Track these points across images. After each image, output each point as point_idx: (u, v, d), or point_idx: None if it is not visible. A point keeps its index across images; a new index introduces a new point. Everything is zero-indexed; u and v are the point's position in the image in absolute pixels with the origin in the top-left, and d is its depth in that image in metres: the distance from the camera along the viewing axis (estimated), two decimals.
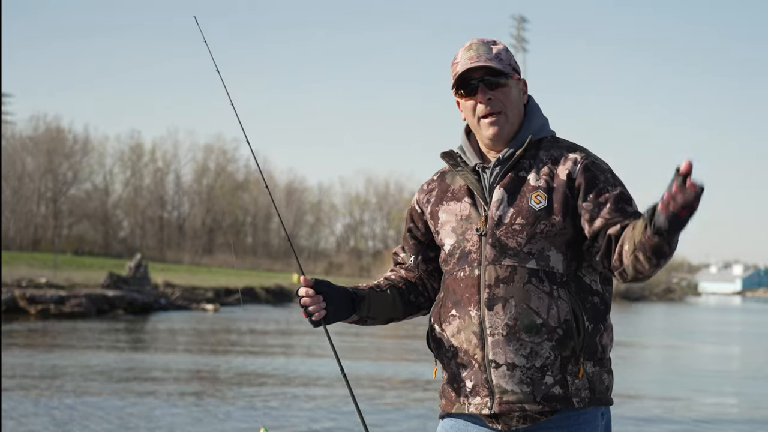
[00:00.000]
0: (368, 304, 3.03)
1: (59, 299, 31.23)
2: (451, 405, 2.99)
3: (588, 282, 2.92)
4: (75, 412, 11.73)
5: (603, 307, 2.94)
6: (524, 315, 2.83)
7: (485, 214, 2.91)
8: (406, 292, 3.13)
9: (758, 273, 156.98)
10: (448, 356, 2.97)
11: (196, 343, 23.75)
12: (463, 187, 3.00)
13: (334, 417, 11.92)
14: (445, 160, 3.06)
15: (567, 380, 2.84)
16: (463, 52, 2.99)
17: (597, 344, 2.89)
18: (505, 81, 2.96)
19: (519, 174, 2.93)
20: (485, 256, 2.89)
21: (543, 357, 2.83)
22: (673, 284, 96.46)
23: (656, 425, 13.91)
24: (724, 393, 16.86)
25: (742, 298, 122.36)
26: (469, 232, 2.94)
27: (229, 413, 12.22)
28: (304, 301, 2.92)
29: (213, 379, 16.11)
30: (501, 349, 2.84)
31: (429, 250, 3.12)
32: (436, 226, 3.04)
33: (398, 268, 3.19)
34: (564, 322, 2.83)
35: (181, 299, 38.72)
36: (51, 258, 44.34)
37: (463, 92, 2.98)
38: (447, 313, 2.95)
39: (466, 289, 2.91)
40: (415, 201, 3.14)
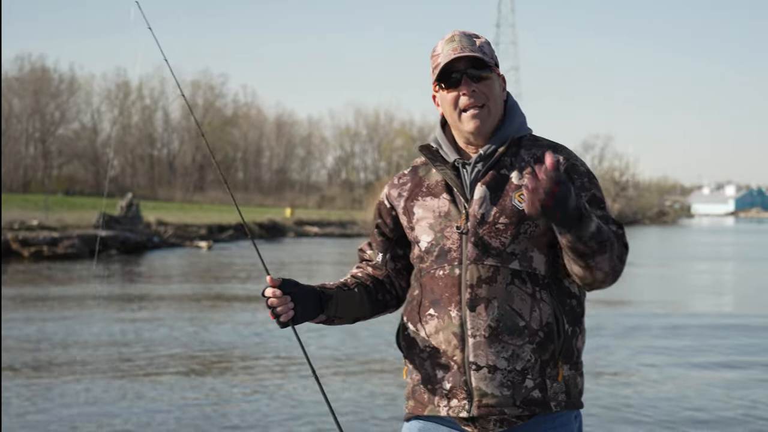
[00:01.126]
0: (335, 303, 2.90)
1: (52, 241, 31.13)
2: (422, 407, 2.87)
3: (567, 284, 2.83)
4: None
5: (580, 310, 2.86)
6: (507, 316, 2.75)
7: (466, 211, 2.81)
8: (373, 291, 3.00)
9: (751, 193, 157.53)
10: (423, 357, 2.86)
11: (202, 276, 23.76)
12: (440, 183, 2.89)
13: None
14: (423, 153, 2.93)
15: (546, 384, 2.78)
16: (444, 43, 2.87)
17: (573, 348, 2.83)
18: (489, 74, 2.85)
19: (501, 172, 2.84)
20: (467, 255, 2.79)
21: (524, 360, 2.75)
22: (666, 207, 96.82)
23: (657, 319, 14.17)
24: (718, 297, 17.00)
25: (735, 218, 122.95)
26: (448, 230, 2.83)
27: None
28: (271, 302, 2.77)
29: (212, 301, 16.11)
30: (482, 351, 2.75)
31: (398, 247, 3.01)
32: (410, 222, 2.92)
33: (365, 266, 3.07)
34: (546, 325, 2.76)
35: (174, 237, 38.66)
36: (42, 199, 44.16)
37: (444, 84, 2.86)
38: (424, 312, 2.85)
39: (446, 288, 2.80)
40: (385, 196, 3.02)
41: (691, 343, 13.18)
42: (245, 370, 10.97)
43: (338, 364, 11.36)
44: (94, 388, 9.81)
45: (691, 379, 10.49)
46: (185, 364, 11.38)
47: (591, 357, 11.80)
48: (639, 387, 10.09)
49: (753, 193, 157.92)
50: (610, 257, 2.64)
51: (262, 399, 9.40)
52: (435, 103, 2.95)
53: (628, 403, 9.26)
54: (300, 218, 53.14)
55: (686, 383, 10.26)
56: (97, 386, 9.88)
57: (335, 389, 9.76)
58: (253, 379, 10.45)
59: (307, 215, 56.16)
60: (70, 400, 9.27)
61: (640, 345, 12.96)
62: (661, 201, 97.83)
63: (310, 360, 2.87)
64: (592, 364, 11.25)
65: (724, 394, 9.75)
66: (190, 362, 11.50)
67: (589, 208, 2.63)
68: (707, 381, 10.43)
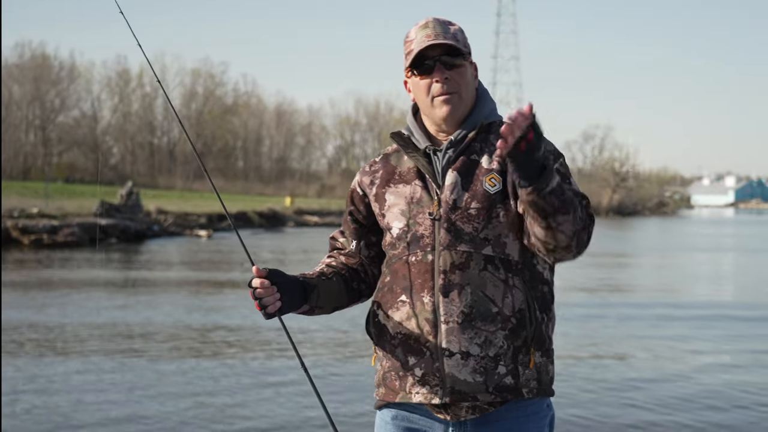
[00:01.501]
0: (317, 294, 2.89)
1: (52, 229, 31.13)
2: (393, 394, 2.86)
3: (540, 270, 2.84)
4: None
5: (550, 296, 2.87)
6: (480, 303, 2.75)
7: (438, 197, 2.82)
8: (349, 280, 2.99)
9: (751, 184, 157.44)
10: (394, 343, 2.84)
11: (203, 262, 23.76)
12: (412, 170, 2.90)
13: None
14: (395, 140, 2.94)
15: (518, 370, 2.77)
16: (417, 29, 2.87)
17: (545, 334, 2.83)
18: (462, 62, 2.85)
19: (471, 157, 2.84)
20: (439, 240, 2.79)
21: (497, 346, 2.75)
22: (665, 197, 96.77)
23: (653, 309, 14.18)
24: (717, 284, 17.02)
25: (734, 209, 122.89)
26: (420, 216, 2.83)
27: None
28: (259, 293, 2.75)
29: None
30: (455, 338, 2.75)
31: (371, 234, 3.00)
32: (381, 209, 2.92)
33: (337, 254, 3.06)
34: (518, 311, 2.76)
35: (173, 226, 38.66)
36: (42, 187, 44.13)
37: (417, 71, 2.86)
38: (395, 298, 2.84)
39: (418, 274, 2.80)
40: (357, 183, 3.01)
41: (684, 332, 13.21)
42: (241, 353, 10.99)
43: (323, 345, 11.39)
44: (91, 369, 9.83)
45: (684, 363, 10.52)
46: (178, 344, 11.40)
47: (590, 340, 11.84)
48: (634, 368, 10.12)
49: (753, 184, 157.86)
50: (573, 220, 2.61)
51: (257, 387, 9.42)
52: (406, 89, 2.96)
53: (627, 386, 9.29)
54: (300, 207, 53.13)
55: (679, 367, 10.29)
56: (93, 367, 9.91)
57: (322, 374, 9.79)
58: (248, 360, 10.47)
59: (307, 204, 56.14)
60: (67, 383, 9.29)
61: (634, 333, 12.99)
62: (661, 192, 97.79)
63: (299, 353, 2.87)
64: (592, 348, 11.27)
65: (717, 380, 9.78)
66: (180, 343, 11.52)
67: (552, 166, 2.60)
68: (699, 366, 10.45)
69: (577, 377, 10.02)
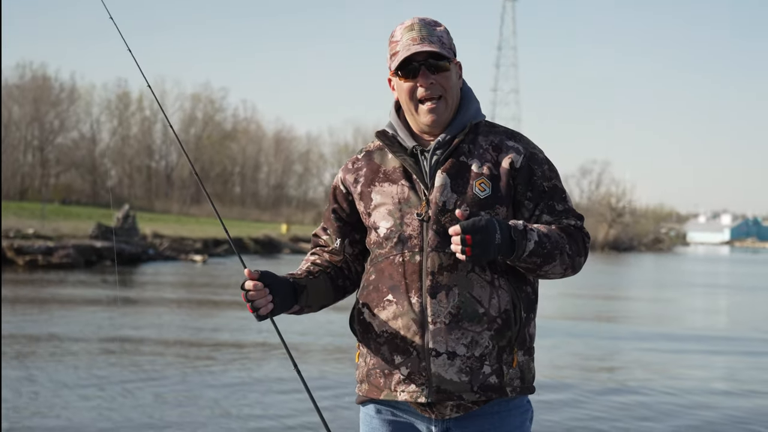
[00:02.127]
0: (307, 293, 2.93)
1: (47, 250, 31.05)
2: (378, 391, 2.89)
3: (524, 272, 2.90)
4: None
5: (534, 297, 2.92)
6: (468, 304, 2.78)
7: (426, 198, 2.84)
8: (335, 277, 3.03)
9: (746, 223, 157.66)
10: (379, 342, 2.87)
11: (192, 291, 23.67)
12: (398, 169, 2.91)
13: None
14: (380, 139, 2.95)
15: (503, 370, 2.82)
16: (403, 31, 2.88)
17: (527, 334, 2.88)
18: (447, 65, 2.86)
19: (460, 159, 2.87)
20: (428, 242, 2.81)
21: (482, 346, 2.79)
22: (661, 234, 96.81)
23: (653, 341, 14.10)
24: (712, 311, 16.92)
25: (730, 248, 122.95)
26: (408, 217, 2.85)
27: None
28: (251, 295, 2.78)
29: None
30: (442, 338, 2.78)
31: (354, 232, 3.02)
32: (367, 208, 2.94)
33: (320, 251, 3.08)
34: (504, 312, 2.80)
35: (169, 250, 38.59)
36: (38, 207, 44.12)
37: (402, 73, 2.87)
38: (381, 297, 2.86)
39: (406, 274, 2.83)
40: (340, 180, 3.02)
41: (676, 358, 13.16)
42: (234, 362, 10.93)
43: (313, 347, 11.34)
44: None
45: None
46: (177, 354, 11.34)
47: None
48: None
49: (749, 223, 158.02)
50: (561, 261, 2.80)
51: (255, 390, 9.37)
52: (390, 86, 2.97)
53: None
54: (296, 234, 53.15)
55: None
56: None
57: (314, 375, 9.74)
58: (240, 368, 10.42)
59: (303, 232, 56.13)
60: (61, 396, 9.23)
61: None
62: (657, 228, 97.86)
63: (292, 355, 2.90)
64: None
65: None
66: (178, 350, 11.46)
67: (528, 228, 2.74)
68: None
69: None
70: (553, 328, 16.75)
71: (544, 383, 9.85)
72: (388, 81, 2.96)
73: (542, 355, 11.36)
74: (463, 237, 2.61)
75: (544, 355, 12.76)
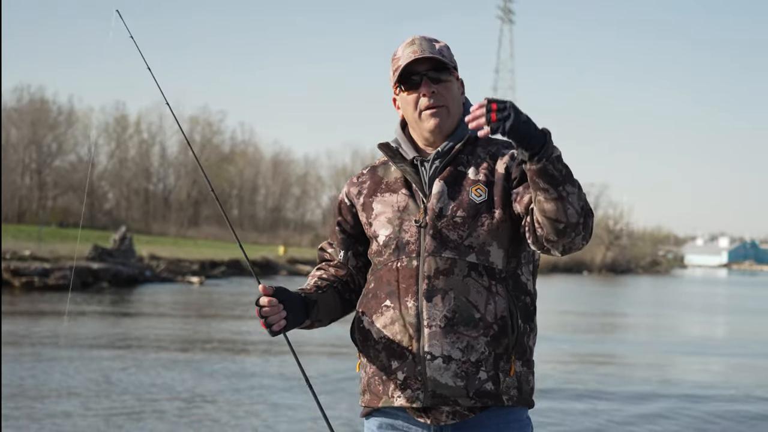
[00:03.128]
0: (317, 308, 2.96)
1: (43, 272, 31.03)
2: (377, 399, 2.91)
3: (524, 281, 2.90)
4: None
5: (533, 308, 2.92)
6: (463, 308, 2.79)
7: (424, 205, 2.87)
8: (342, 291, 3.06)
9: (744, 245, 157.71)
10: (378, 348, 2.89)
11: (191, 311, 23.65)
12: (399, 179, 2.96)
13: None
14: (383, 151, 3.00)
15: (499, 377, 2.81)
16: (404, 47, 2.94)
17: (526, 344, 2.87)
18: (448, 77, 2.92)
19: (458, 168, 2.91)
20: (425, 247, 2.84)
21: (478, 352, 2.78)
22: (659, 257, 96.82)
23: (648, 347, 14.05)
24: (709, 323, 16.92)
25: (728, 270, 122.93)
26: (407, 224, 2.88)
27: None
28: (265, 311, 2.81)
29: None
30: (437, 342, 2.78)
31: (358, 244, 3.06)
32: (368, 218, 2.98)
33: (326, 266, 3.12)
34: (500, 318, 2.80)
35: (166, 272, 38.56)
36: (35, 230, 44.06)
37: (404, 86, 2.93)
38: (379, 303, 2.89)
39: (403, 279, 2.85)
40: (345, 194, 3.08)
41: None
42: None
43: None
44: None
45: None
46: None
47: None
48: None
49: (746, 246, 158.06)
50: (579, 195, 2.63)
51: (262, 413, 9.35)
52: (395, 106, 3.01)
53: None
54: (293, 257, 53.07)
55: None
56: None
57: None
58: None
59: (301, 254, 56.08)
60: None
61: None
62: (655, 251, 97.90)
63: (303, 368, 2.92)
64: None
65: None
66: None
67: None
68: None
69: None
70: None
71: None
72: (393, 101, 3.02)
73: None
74: (488, 105, 2.52)
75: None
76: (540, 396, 8.38)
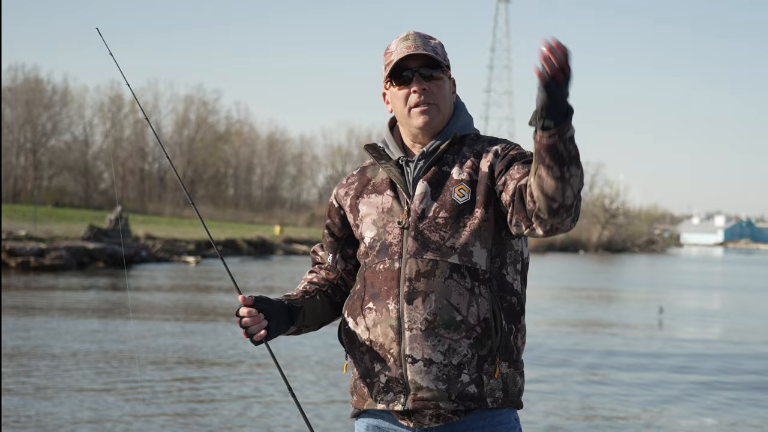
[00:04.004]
0: (303, 314, 2.95)
1: (39, 252, 31.00)
2: (362, 401, 2.90)
3: (510, 281, 2.85)
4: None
5: (519, 308, 2.87)
6: (444, 310, 2.75)
7: (408, 207, 2.85)
8: (332, 295, 3.05)
9: (740, 224, 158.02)
10: (362, 350, 2.88)
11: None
12: (386, 180, 2.93)
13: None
14: (368, 152, 2.97)
15: (483, 379, 2.78)
16: (398, 42, 2.91)
17: (512, 345, 2.83)
18: (440, 74, 2.89)
19: (442, 168, 2.87)
20: (407, 249, 2.81)
21: (460, 354, 2.75)
22: (655, 235, 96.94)
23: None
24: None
25: (723, 249, 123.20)
26: (390, 225, 2.86)
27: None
28: (245, 322, 2.80)
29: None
30: (418, 344, 2.76)
31: (347, 247, 3.04)
32: (355, 219, 2.97)
33: (318, 269, 3.11)
34: (483, 320, 2.76)
35: (162, 252, 38.57)
36: (31, 210, 44.00)
37: (396, 81, 2.90)
38: (363, 305, 2.87)
39: (385, 281, 2.83)
40: (334, 196, 3.07)
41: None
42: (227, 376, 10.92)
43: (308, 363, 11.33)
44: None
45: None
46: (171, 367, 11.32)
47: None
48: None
49: (742, 224, 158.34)
50: (580, 178, 2.54)
51: (244, 405, 9.35)
52: (385, 100, 2.99)
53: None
54: (289, 236, 53.11)
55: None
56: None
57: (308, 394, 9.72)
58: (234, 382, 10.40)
59: (297, 233, 56.10)
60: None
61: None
62: (651, 229, 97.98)
63: (286, 378, 2.93)
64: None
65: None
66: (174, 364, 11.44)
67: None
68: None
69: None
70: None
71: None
72: (383, 95, 2.99)
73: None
74: (565, 60, 2.34)
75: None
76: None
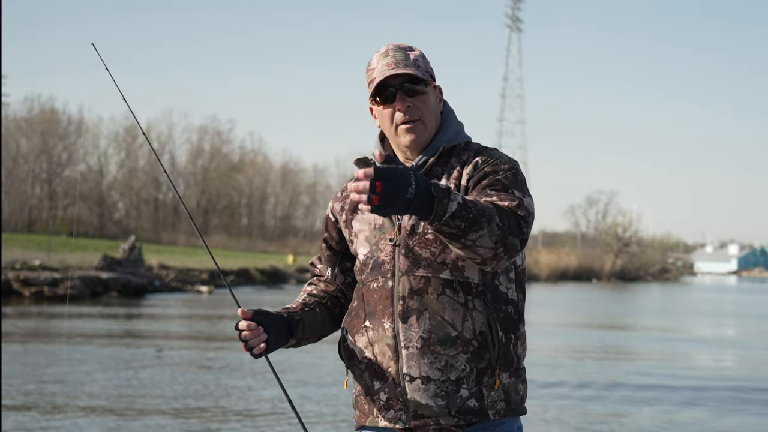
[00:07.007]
0: (302, 326, 2.99)
1: (53, 281, 31.10)
2: (364, 418, 2.94)
3: (504, 290, 2.85)
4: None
5: (516, 316, 2.87)
6: (439, 327, 2.77)
7: (399, 223, 2.86)
8: (332, 307, 3.08)
9: (754, 253, 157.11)
10: (361, 368, 2.91)
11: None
12: None
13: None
14: (359, 166, 2.90)
15: (482, 392, 2.80)
16: (378, 57, 2.91)
17: (512, 354, 2.85)
18: (423, 88, 2.89)
19: None
20: (399, 266, 2.84)
21: (458, 370, 2.78)
22: (668, 264, 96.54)
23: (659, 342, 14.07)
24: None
25: (737, 277, 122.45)
26: (382, 242, 2.88)
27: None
28: (245, 335, 2.84)
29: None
30: (415, 363, 2.79)
31: (345, 260, 3.06)
32: (350, 235, 2.99)
33: (317, 281, 3.14)
34: (479, 334, 2.78)
35: (175, 281, 38.63)
36: (45, 240, 44.20)
37: (379, 99, 2.91)
38: (360, 324, 2.90)
39: (380, 300, 2.85)
40: (330, 209, 3.08)
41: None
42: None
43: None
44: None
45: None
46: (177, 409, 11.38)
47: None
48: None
49: (756, 253, 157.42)
50: (490, 232, 2.57)
51: None
52: (372, 115, 3.00)
53: None
54: (302, 265, 53.14)
55: None
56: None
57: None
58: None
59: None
60: None
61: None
62: (664, 258, 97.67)
63: (285, 390, 2.96)
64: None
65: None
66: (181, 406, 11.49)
67: (451, 189, 2.54)
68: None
69: None
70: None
71: None
72: (370, 110, 2.99)
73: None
74: (372, 182, 2.38)
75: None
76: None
